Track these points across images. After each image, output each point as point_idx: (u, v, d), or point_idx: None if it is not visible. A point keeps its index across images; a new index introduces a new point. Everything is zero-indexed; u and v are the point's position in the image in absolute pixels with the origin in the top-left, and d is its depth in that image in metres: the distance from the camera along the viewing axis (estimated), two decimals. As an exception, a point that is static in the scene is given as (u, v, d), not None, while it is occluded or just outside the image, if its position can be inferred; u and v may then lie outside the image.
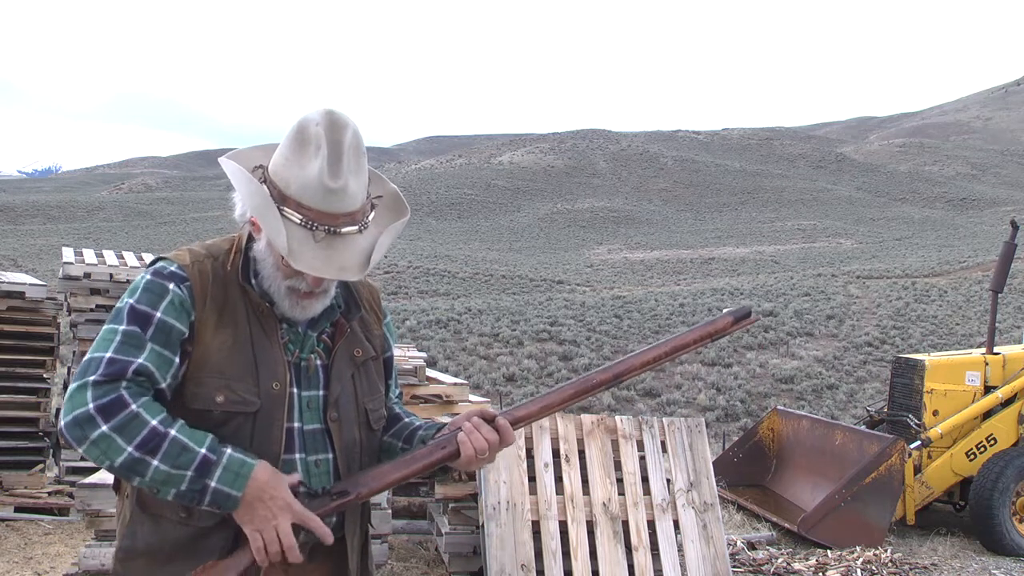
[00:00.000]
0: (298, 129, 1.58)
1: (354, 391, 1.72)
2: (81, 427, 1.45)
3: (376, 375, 1.78)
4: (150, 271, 1.61)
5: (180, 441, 1.48)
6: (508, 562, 4.08)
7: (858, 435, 6.86)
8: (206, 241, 1.72)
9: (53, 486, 6.12)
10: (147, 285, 1.58)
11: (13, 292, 6.05)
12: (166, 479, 1.47)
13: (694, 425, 4.71)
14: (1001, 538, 6.43)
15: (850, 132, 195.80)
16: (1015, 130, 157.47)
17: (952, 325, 32.21)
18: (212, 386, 1.57)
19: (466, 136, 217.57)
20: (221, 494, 1.49)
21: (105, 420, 1.45)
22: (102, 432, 1.45)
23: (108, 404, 1.46)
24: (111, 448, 1.45)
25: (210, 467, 1.48)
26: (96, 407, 1.45)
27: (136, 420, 1.46)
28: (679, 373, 26.48)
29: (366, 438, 1.73)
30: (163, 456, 1.46)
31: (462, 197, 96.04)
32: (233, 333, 1.60)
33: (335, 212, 1.56)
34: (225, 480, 1.49)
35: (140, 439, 1.45)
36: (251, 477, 1.51)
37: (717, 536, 4.40)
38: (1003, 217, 62.45)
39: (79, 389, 1.47)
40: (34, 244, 58.55)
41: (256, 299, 1.63)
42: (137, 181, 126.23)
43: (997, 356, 7.26)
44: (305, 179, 1.55)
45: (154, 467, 1.46)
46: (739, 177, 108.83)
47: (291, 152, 1.57)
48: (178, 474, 1.47)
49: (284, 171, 1.57)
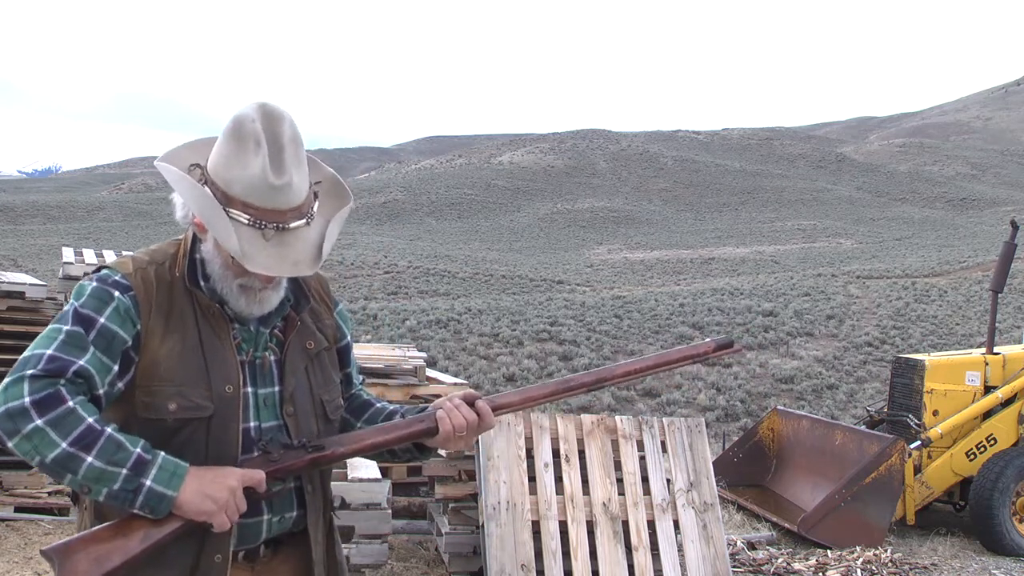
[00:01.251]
0: (234, 127, 1.56)
1: (308, 384, 1.71)
2: (13, 420, 1.41)
3: (330, 365, 1.77)
4: (95, 278, 1.59)
5: (116, 439, 1.45)
6: (508, 562, 4.08)
7: (858, 435, 6.86)
8: (151, 247, 1.71)
9: (53, 486, 6.11)
10: (93, 291, 1.56)
11: (13, 292, 6.05)
12: (99, 476, 1.43)
13: (694, 425, 4.71)
14: (1001, 538, 6.43)
15: (850, 132, 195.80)
16: (1015, 130, 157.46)
17: (952, 325, 32.21)
18: (164, 394, 1.55)
19: (466, 136, 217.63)
20: (155, 494, 1.46)
21: (40, 414, 1.41)
22: (36, 426, 1.41)
23: (44, 398, 1.43)
24: (44, 442, 1.41)
25: (146, 466, 1.46)
26: (32, 401, 1.42)
27: (72, 415, 1.43)
28: (679, 373, 26.47)
29: (324, 429, 1.72)
30: (98, 453, 1.43)
31: (462, 197, 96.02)
32: (182, 339, 1.58)
33: (282, 208, 1.55)
34: (160, 479, 1.47)
35: (75, 435, 1.42)
36: (186, 476, 1.49)
37: (717, 536, 4.40)
38: (1003, 217, 62.44)
39: (15, 382, 1.44)
40: (34, 244, 58.54)
41: (205, 301, 1.62)
42: (137, 181, 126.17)
43: (997, 356, 7.26)
44: (249, 178, 1.53)
45: (88, 463, 1.42)
46: (739, 177, 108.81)
47: (230, 151, 1.55)
48: (112, 471, 1.44)
49: (225, 172, 1.55)
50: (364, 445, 1.69)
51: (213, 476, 1.52)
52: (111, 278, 1.58)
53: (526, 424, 4.42)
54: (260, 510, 1.63)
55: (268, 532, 1.67)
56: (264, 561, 1.69)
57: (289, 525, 1.70)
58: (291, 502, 1.69)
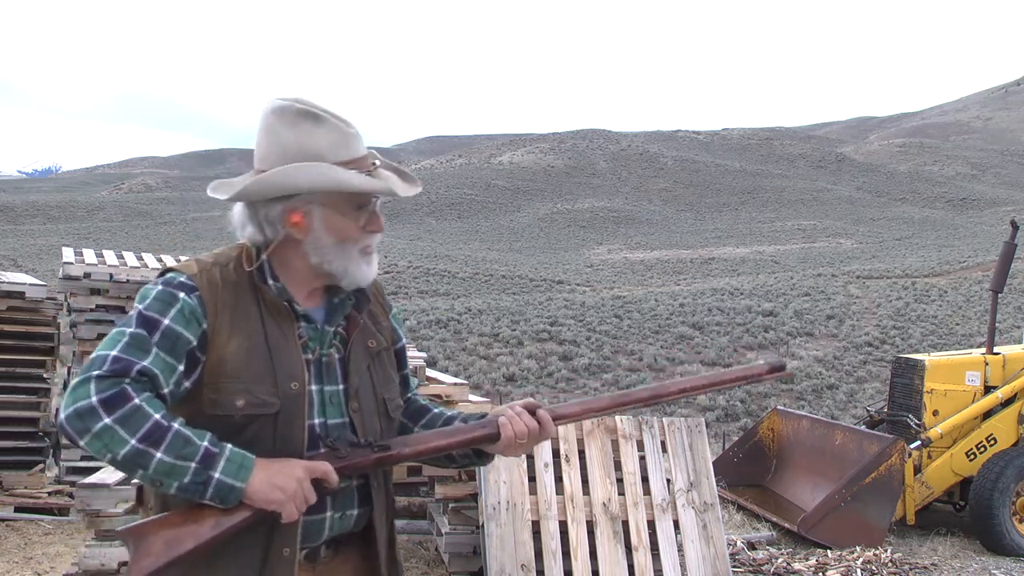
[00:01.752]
0: (281, 116, 1.65)
1: (371, 382, 1.73)
2: (83, 419, 1.45)
3: (389, 365, 1.81)
4: (160, 281, 1.63)
5: (183, 434, 1.49)
6: (508, 562, 4.08)
7: (858, 435, 6.86)
8: (213, 251, 1.74)
9: (53, 486, 6.11)
10: (157, 294, 1.60)
11: (13, 292, 6.05)
12: (169, 471, 1.47)
13: (694, 425, 4.71)
14: (1001, 538, 6.43)
15: (850, 132, 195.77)
16: (1015, 130, 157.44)
17: (952, 325, 32.22)
18: (231, 391, 1.58)
19: (466, 136, 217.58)
20: (224, 485, 1.50)
21: (108, 412, 1.45)
22: (105, 424, 1.44)
23: (111, 397, 1.46)
24: (114, 440, 1.45)
25: (214, 459, 1.49)
26: (99, 400, 1.45)
27: (139, 413, 1.46)
28: (679, 373, 26.48)
29: (386, 427, 1.75)
30: (167, 448, 1.46)
31: (462, 197, 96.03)
32: (248, 336, 1.61)
33: (364, 153, 1.68)
34: (229, 471, 1.50)
35: (144, 431, 1.45)
36: (253, 467, 1.52)
37: (717, 536, 4.40)
38: (1003, 217, 62.42)
39: (82, 383, 1.47)
40: (34, 244, 58.55)
41: (273, 299, 1.65)
42: (137, 181, 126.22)
43: (997, 356, 7.26)
44: (330, 140, 1.64)
45: (158, 459, 1.46)
46: (739, 177, 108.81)
47: (295, 133, 1.63)
48: (182, 465, 1.47)
49: (305, 147, 1.63)
50: (428, 447, 1.71)
51: (281, 467, 1.55)
52: (176, 280, 1.62)
53: (526, 424, 4.42)
54: (324, 507, 1.65)
55: (330, 530, 1.68)
56: (325, 561, 1.70)
57: (350, 524, 1.71)
58: (353, 499, 1.70)
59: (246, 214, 1.68)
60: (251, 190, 1.64)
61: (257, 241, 1.68)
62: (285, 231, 1.66)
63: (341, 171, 1.63)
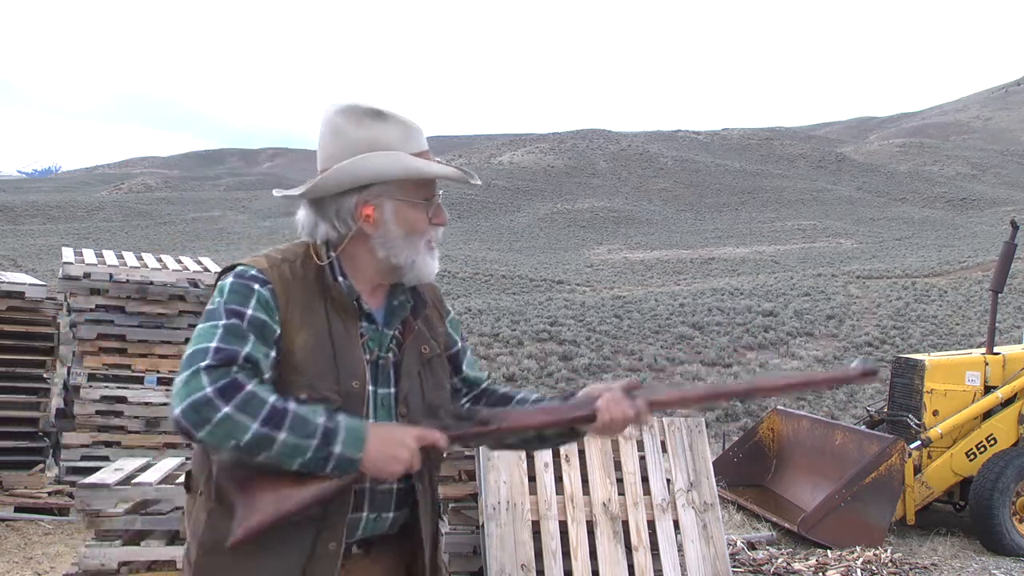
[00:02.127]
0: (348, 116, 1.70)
1: (421, 387, 1.75)
2: (200, 411, 1.46)
3: (442, 372, 1.82)
4: (231, 275, 1.65)
5: (301, 414, 1.51)
6: (508, 562, 4.08)
7: (858, 435, 6.86)
8: (279, 247, 1.77)
9: (53, 486, 6.12)
10: (233, 287, 1.62)
11: (13, 292, 6.05)
12: (292, 451, 1.49)
13: (694, 425, 4.71)
14: (1001, 538, 6.43)
15: (850, 132, 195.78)
16: (1015, 130, 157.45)
17: (952, 325, 32.22)
18: (295, 385, 1.60)
19: (466, 136, 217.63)
20: (344, 459, 1.52)
21: (225, 401, 1.46)
22: (225, 413, 1.46)
23: (225, 386, 1.48)
24: (236, 428, 1.46)
25: (332, 434, 1.52)
26: (215, 390, 1.47)
27: (255, 398, 1.48)
28: (679, 373, 26.50)
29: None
30: (288, 429, 1.48)
31: (462, 197, 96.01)
32: (314, 332, 1.64)
33: (427, 148, 1.74)
34: (347, 444, 1.52)
35: (264, 415, 1.47)
36: (367, 437, 1.55)
37: (717, 536, 4.40)
38: (1003, 217, 62.39)
39: (192, 376, 1.48)
40: (34, 244, 58.56)
41: (341, 297, 1.68)
42: (137, 181, 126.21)
43: (997, 356, 7.27)
44: (398, 134, 1.69)
45: (281, 441, 1.48)
46: (739, 177, 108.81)
47: (364, 130, 1.68)
48: (304, 444, 1.49)
49: (375, 142, 1.67)
50: (527, 423, 1.73)
51: (392, 435, 1.58)
52: (248, 273, 1.64)
53: (526, 424, 4.42)
54: (361, 506, 1.66)
55: (363, 531, 1.69)
56: (356, 559, 1.71)
57: (385, 526, 1.72)
58: (390, 502, 1.71)
59: (316, 213, 1.71)
60: (327, 182, 1.67)
61: (331, 238, 1.70)
62: (357, 226, 1.68)
63: (415, 159, 1.68)
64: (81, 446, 6.16)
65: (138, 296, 6.35)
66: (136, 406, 6.24)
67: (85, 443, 6.16)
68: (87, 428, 6.18)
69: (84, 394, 6.17)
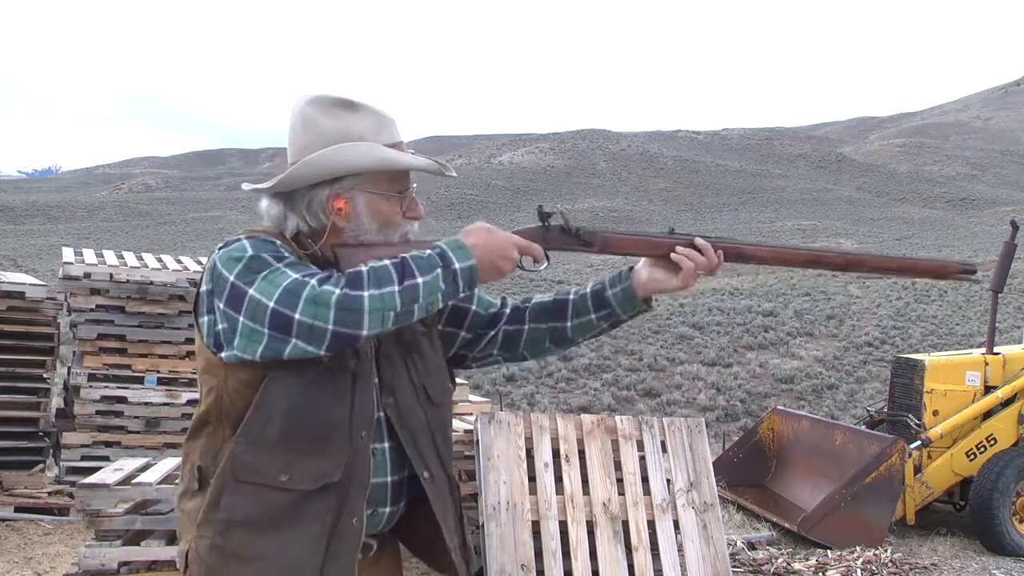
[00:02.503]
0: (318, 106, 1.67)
1: (407, 372, 1.72)
2: (348, 310, 1.45)
3: (430, 350, 1.79)
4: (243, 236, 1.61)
5: (413, 255, 1.54)
6: (508, 562, 4.08)
7: (858, 435, 6.86)
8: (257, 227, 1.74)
9: (53, 486, 6.12)
10: (255, 245, 1.58)
11: (13, 292, 6.05)
12: (432, 287, 1.51)
13: (694, 425, 4.71)
14: (1001, 538, 6.43)
15: (850, 132, 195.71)
16: (1015, 130, 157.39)
17: (952, 325, 32.21)
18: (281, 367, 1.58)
19: (466, 136, 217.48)
20: (466, 270, 1.55)
21: (359, 288, 1.47)
22: (368, 295, 1.46)
23: (347, 281, 1.48)
24: (384, 300, 1.47)
25: (444, 254, 1.55)
26: (342, 290, 1.46)
27: (373, 270, 1.50)
28: (679, 373, 26.50)
29: (431, 414, 1.74)
30: (419, 271, 1.51)
31: (462, 197, 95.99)
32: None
33: (401, 139, 1.70)
34: (461, 258, 1.55)
35: (394, 276, 1.49)
36: (470, 244, 1.58)
37: (717, 536, 4.40)
38: (1003, 217, 62.33)
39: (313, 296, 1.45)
40: (34, 244, 58.52)
41: None
42: (137, 181, 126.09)
43: (997, 356, 7.27)
44: (372, 124, 1.66)
45: (421, 283, 1.50)
46: (739, 177, 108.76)
47: (335, 120, 1.65)
48: (434, 275, 1.52)
49: (347, 132, 1.64)
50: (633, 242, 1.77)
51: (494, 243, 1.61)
52: (258, 233, 1.63)
53: (526, 424, 4.42)
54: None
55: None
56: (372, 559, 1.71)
57: (381, 523, 1.70)
58: (385, 495, 1.69)
59: (285, 206, 1.67)
60: (298, 174, 1.63)
61: (302, 231, 1.67)
62: (329, 220, 1.65)
63: (388, 150, 1.64)
64: (81, 446, 6.16)
65: (138, 296, 6.35)
66: (136, 406, 6.24)
67: (85, 443, 6.16)
68: (87, 428, 6.18)
69: (84, 394, 6.17)
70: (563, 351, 1.91)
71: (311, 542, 1.55)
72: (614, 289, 1.81)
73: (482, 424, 4.32)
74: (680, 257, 1.73)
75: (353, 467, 1.58)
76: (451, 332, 1.87)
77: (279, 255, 1.55)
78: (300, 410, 1.56)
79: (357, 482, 1.59)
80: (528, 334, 1.86)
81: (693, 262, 1.73)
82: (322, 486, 1.56)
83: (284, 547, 1.54)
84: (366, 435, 1.61)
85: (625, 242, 1.77)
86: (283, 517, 1.55)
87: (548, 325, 1.85)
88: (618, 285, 1.81)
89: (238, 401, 1.57)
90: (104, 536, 3.72)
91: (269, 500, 1.55)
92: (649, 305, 1.83)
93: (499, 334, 1.87)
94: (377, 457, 1.65)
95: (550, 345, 1.87)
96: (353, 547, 1.58)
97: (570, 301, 1.84)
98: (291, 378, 1.55)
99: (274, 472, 1.55)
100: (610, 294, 1.81)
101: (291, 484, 1.55)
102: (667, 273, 1.77)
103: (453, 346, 1.89)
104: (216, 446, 1.61)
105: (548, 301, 1.87)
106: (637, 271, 1.80)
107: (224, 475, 1.58)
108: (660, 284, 1.77)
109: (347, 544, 1.58)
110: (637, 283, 1.79)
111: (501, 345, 1.88)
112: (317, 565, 1.54)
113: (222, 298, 1.53)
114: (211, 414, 1.62)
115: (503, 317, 1.87)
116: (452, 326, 1.87)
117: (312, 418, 1.56)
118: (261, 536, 1.55)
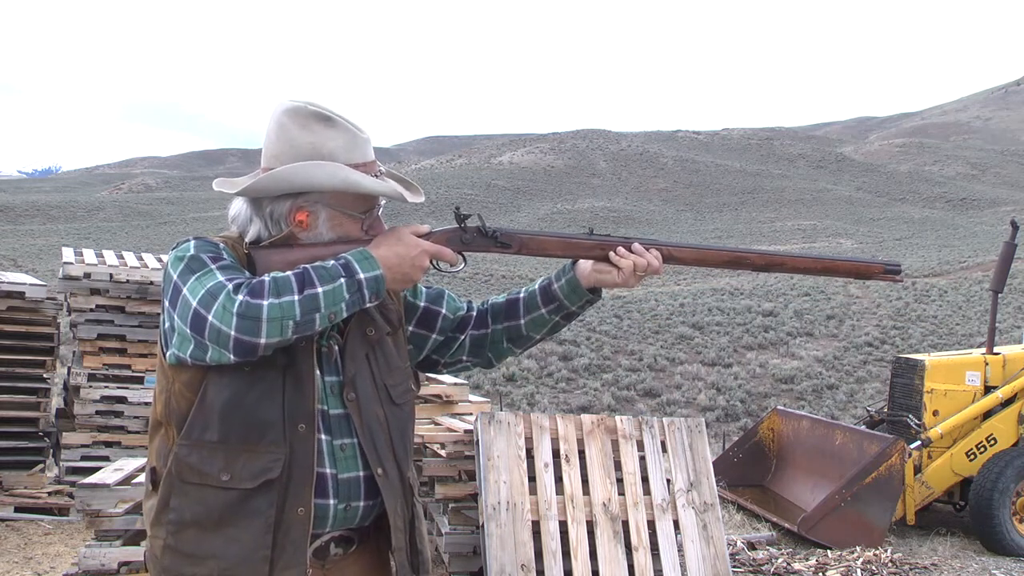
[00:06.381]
0: (294, 117, 1.68)
1: (370, 370, 1.74)
2: (248, 318, 1.49)
3: (395, 351, 1.81)
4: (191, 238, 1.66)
5: (315, 266, 1.57)
6: (508, 562, 4.08)
7: (858, 435, 6.86)
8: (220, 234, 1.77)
9: (53, 486, 6.12)
10: (198, 245, 1.62)
11: (13, 292, 6.05)
12: (334, 297, 1.54)
13: (694, 425, 4.71)
14: (1001, 538, 6.43)
15: (850, 132, 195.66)
16: (1015, 130, 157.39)
17: (952, 325, 32.20)
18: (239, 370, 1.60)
19: (466, 136, 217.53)
20: (372, 280, 1.59)
21: (259, 297, 1.50)
22: (268, 304, 1.50)
23: (251, 289, 1.51)
24: (284, 308, 1.50)
25: (349, 265, 1.58)
26: (245, 296, 1.50)
27: (275, 280, 1.53)
28: (679, 373, 26.50)
29: (391, 414, 1.75)
30: (319, 281, 1.54)
31: (462, 197, 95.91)
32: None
33: (373, 158, 1.71)
34: (366, 267, 1.59)
35: (294, 285, 1.52)
36: (377, 254, 1.61)
37: (717, 536, 4.40)
38: (1003, 217, 62.35)
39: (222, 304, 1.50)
40: (34, 244, 58.51)
41: None
42: (137, 181, 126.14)
43: (997, 356, 7.27)
44: (343, 142, 1.67)
45: (321, 293, 1.53)
46: (739, 177, 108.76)
47: (308, 134, 1.66)
48: (337, 285, 1.55)
49: (318, 148, 1.66)
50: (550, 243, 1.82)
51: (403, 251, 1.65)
52: (207, 237, 1.67)
53: (526, 424, 4.42)
54: (326, 493, 1.65)
55: (334, 522, 1.68)
56: (334, 560, 1.71)
57: (356, 517, 1.71)
58: (359, 490, 1.70)
59: (251, 210, 1.71)
60: (262, 185, 1.67)
61: (261, 236, 1.71)
62: (288, 229, 1.69)
63: (353, 172, 1.66)
64: (81, 446, 6.16)
65: (138, 296, 6.35)
66: (136, 406, 6.24)
67: (85, 443, 6.16)
68: (87, 428, 6.19)
69: (84, 394, 6.17)
70: (523, 350, 1.93)
71: (257, 537, 1.58)
72: (559, 282, 1.87)
73: (482, 424, 4.32)
74: (617, 258, 1.81)
75: (292, 461, 1.61)
76: (422, 334, 1.91)
77: (217, 257, 1.60)
78: (233, 410, 1.59)
79: (299, 474, 1.61)
80: (490, 336, 1.92)
81: (631, 262, 1.79)
82: (262, 483, 1.59)
83: (231, 544, 1.58)
84: (305, 427, 1.63)
85: (542, 243, 1.82)
86: (227, 515, 1.59)
87: (503, 325, 1.91)
88: (563, 278, 1.86)
89: (182, 403, 1.62)
90: (104, 536, 3.72)
91: (214, 500, 1.59)
92: (597, 294, 1.88)
93: (467, 339, 1.92)
94: (347, 452, 1.68)
95: (509, 345, 1.92)
96: (301, 536, 1.60)
97: (521, 299, 1.90)
98: (225, 379, 1.59)
99: (216, 472, 1.59)
100: (556, 287, 1.87)
101: (233, 483, 1.59)
102: (609, 266, 1.83)
103: (424, 349, 1.93)
104: (167, 448, 1.65)
105: (501, 302, 1.92)
106: (581, 263, 1.86)
107: (171, 477, 1.62)
108: (602, 277, 1.83)
109: (294, 534, 1.60)
110: (581, 274, 1.85)
111: (469, 351, 1.93)
112: (266, 558, 1.58)
113: (167, 296, 1.61)
114: (162, 416, 1.66)
115: (470, 321, 1.93)
116: (423, 328, 1.91)
117: (245, 417, 1.60)
118: (209, 535, 1.59)
